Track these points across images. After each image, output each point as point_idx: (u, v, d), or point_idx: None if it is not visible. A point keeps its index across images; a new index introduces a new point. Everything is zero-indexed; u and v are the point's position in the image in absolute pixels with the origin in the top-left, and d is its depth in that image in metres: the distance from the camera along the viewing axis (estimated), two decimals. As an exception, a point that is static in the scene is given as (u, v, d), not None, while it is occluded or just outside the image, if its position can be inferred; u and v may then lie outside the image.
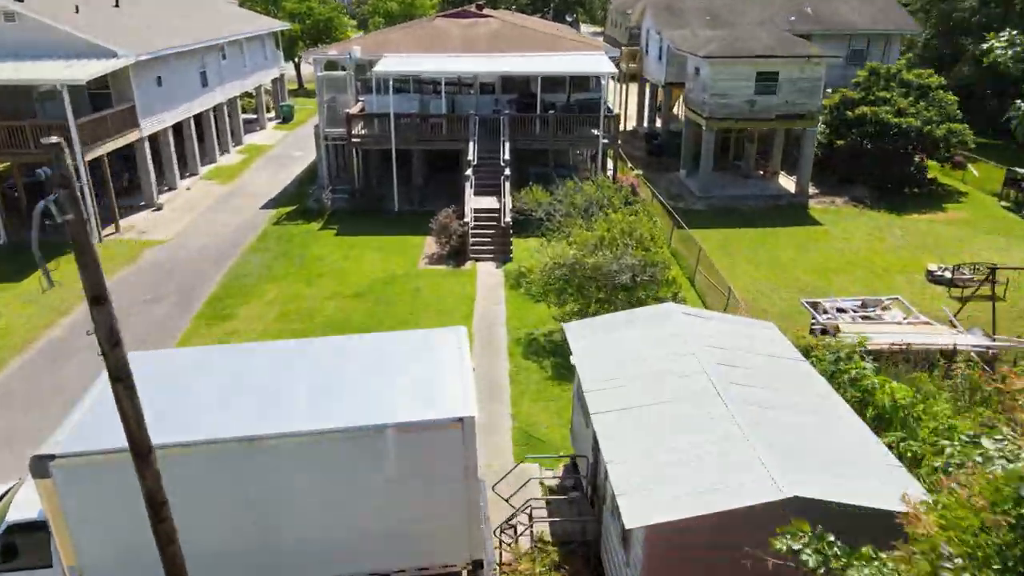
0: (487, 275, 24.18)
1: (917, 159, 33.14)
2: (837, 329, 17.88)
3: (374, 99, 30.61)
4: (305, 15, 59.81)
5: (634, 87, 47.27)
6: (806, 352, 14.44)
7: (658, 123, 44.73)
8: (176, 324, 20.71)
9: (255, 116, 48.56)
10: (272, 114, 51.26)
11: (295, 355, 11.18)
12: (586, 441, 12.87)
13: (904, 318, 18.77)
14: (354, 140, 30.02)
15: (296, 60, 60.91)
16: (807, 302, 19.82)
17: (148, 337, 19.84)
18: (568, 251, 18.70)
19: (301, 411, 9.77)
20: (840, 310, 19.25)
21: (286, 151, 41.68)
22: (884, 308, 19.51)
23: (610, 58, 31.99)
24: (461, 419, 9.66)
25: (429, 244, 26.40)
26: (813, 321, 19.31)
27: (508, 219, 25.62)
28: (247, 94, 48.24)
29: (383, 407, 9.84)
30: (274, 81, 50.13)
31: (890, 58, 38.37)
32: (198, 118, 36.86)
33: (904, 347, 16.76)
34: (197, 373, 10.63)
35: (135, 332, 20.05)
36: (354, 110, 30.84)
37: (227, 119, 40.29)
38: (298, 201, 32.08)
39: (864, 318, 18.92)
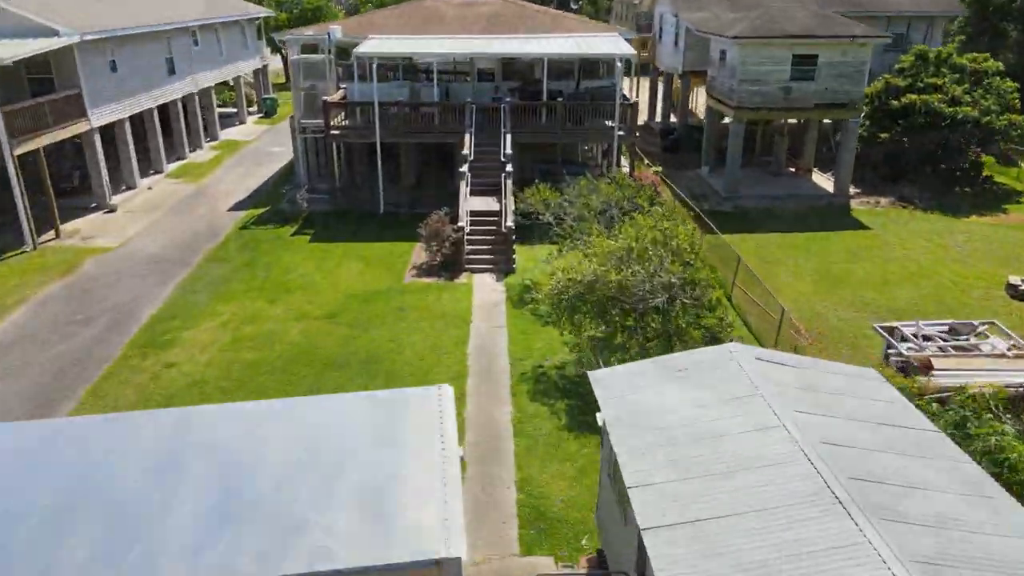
0: (485, 290, 20.38)
1: (972, 154, 29.35)
2: (929, 366, 14.09)
3: (356, 86, 26.83)
4: (292, 2, 56.09)
5: (644, 81, 43.47)
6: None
7: (672, 117, 41.07)
8: (103, 352, 16.88)
9: (235, 110, 44.78)
10: (255, 108, 47.46)
11: (191, 436, 7.34)
12: (623, 541, 9.09)
13: (1008, 348, 14.97)
14: (333, 132, 26.23)
15: (283, 51, 57.05)
16: (881, 327, 16.00)
17: (63, 372, 16.02)
18: (587, 265, 14.90)
19: (180, 551, 5.95)
20: (925, 338, 15.44)
21: (265, 147, 37.91)
22: (978, 335, 15.70)
23: (626, 41, 28.23)
24: (438, 562, 5.87)
25: (418, 252, 22.60)
26: (890, 351, 15.53)
27: (510, 223, 21.83)
28: (225, 85, 44.55)
29: (313, 538, 6.04)
30: (256, 72, 46.41)
31: (933, 43, 34.57)
32: (164, 109, 33.09)
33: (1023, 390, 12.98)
34: (21, 478, 6.80)
35: (46, 365, 16.25)
36: (334, 98, 27.05)
37: (199, 111, 36.46)
38: (272, 202, 28.29)
39: (957, 348, 15.12)
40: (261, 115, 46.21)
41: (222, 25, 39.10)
